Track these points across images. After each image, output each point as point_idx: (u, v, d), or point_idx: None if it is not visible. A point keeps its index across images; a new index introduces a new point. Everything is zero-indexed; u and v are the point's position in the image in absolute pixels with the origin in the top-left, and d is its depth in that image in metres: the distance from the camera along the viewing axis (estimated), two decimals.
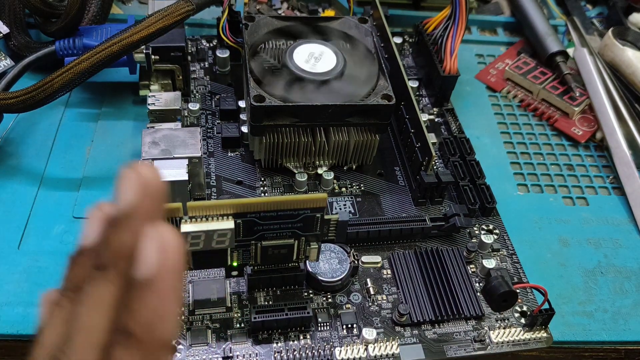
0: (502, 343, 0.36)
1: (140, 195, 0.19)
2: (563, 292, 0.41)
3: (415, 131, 0.43)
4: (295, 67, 0.41)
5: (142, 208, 0.19)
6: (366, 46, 0.45)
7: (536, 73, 0.54)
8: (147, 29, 0.39)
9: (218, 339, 0.35)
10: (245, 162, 0.44)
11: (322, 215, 0.32)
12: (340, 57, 0.42)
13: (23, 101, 0.39)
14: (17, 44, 0.47)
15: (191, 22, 0.55)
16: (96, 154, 0.45)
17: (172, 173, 0.36)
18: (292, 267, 0.36)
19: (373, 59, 0.44)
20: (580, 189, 0.48)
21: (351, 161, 0.44)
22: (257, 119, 0.39)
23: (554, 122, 0.52)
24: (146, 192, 0.19)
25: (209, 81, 0.49)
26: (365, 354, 0.35)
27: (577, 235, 0.45)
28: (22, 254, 0.38)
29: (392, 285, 0.38)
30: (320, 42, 0.43)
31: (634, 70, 0.53)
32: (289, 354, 0.34)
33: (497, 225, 0.43)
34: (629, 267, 0.43)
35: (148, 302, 0.19)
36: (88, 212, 0.21)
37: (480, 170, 0.44)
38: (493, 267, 0.39)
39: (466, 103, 0.53)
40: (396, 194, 0.44)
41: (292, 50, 0.42)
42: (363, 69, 0.43)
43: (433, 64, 0.49)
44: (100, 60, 0.39)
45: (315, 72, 0.41)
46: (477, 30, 0.62)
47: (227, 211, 0.30)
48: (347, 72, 0.42)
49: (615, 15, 0.62)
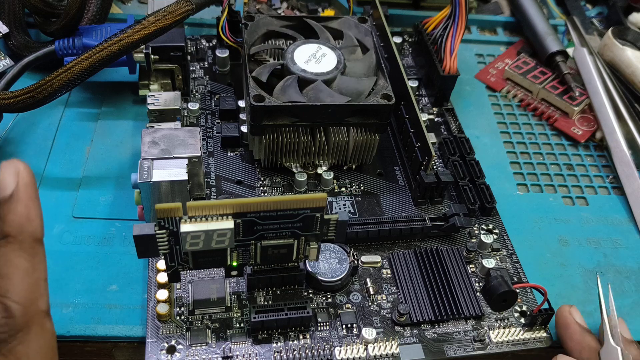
0: (502, 343, 0.36)
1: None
2: (563, 291, 0.41)
3: (415, 131, 0.43)
4: (297, 69, 0.41)
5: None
6: (357, 38, 0.45)
7: (536, 73, 0.54)
8: (147, 29, 0.39)
9: (218, 339, 0.35)
10: (244, 161, 0.44)
11: (321, 215, 0.32)
12: (339, 54, 0.42)
13: (23, 101, 0.39)
14: (17, 43, 0.47)
15: (191, 22, 0.55)
16: (96, 154, 0.45)
17: (171, 173, 0.36)
18: (291, 267, 0.36)
19: (366, 49, 0.44)
20: (580, 189, 0.48)
21: (351, 161, 0.44)
22: (257, 118, 0.39)
23: (553, 122, 0.52)
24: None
25: (208, 81, 0.49)
26: (365, 354, 0.35)
27: (577, 235, 0.45)
28: None
29: (391, 285, 0.38)
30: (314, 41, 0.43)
31: (633, 70, 0.53)
32: (288, 354, 0.34)
33: (497, 225, 0.43)
34: (628, 267, 0.43)
35: (15, 210, 0.26)
36: None
37: (480, 170, 0.44)
38: (493, 267, 0.39)
39: (466, 103, 0.53)
40: (396, 194, 0.44)
41: (293, 51, 0.42)
42: (360, 62, 0.43)
43: (433, 64, 0.49)
44: (100, 60, 0.39)
45: (317, 73, 0.41)
46: (476, 30, 0.62)
47: (226, 211, 0.30)
48: (348, 70, 0.42)
49: (615, 15, 0.62)
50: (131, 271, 0.38)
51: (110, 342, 0.36)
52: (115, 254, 0.39)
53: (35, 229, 0.27)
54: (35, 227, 0.27)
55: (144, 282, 0.38)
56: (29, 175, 0.27)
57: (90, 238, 0.40)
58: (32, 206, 0.26)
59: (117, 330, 0.36)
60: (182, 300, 0.36)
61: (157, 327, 0.35)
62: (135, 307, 0.37)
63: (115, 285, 0.38)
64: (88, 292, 0.37)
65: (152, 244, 0.30)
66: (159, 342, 0.34)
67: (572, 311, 0.37)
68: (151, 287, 0.36)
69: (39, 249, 0.27)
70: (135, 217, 0.40)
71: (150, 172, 0.36)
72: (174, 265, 0.32)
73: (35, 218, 0.27)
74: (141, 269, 0.39)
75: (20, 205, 0.26)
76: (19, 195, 0.26)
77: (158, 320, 0.35)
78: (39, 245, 0.27)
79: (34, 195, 0.27)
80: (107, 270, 0.38)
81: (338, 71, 0.41)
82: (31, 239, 0.26)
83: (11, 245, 0.26)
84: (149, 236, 0.30)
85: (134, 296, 0.37)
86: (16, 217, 0.26)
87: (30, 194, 0.26)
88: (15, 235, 0.26)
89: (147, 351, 0.34)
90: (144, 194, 0.36)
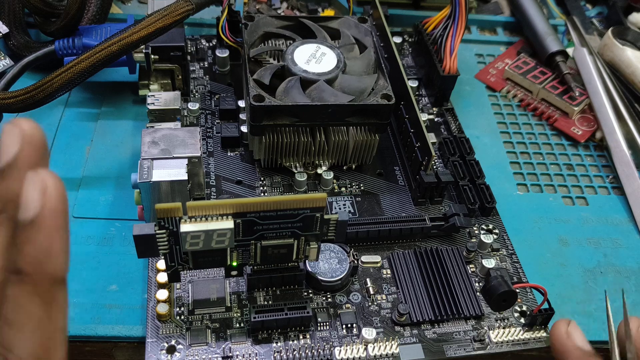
0: (502, 343, 0.36)
1: (20, 146, 0.21)
2: (562, 291, 0.41)
3: (415, 131, 0.43)
4: (298, 70, 0.41)
5: (24, 157, 0.21)
6: (356, 38, 0.45)
7: (536, 73, 0.54)
8: (147, 29, 0.39)
9: (218, 339, 0.35)
10: (244, 161, 0.44)
11: (321, 215, 0.32)
12: (339, 53, 0.42)
13: (22, 101, 0.39)
14: (17, 43, 0.47)
15: (191, 22, 0.55)
16: (96, 154, 0.45)
17: (171, 173, 0.36)
18: (291, 267, 0.36)
19: (364, 47, 0.44)
20: (579, 189, 0.48)
21: (351, 161, 0.44)
22: (257, 118, 0.39)
23: (553, 122, 0.52)
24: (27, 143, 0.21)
25: (208, 81, 0.49)
26: (365, 354, 0.35)
27: (577, 235, 0.45)
28: None
29: (391, 285, 0.38)
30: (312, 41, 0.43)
31: (633, 70, 0.53)
32: (288, 354, 0.34)
33: (497, 225, 0.43)
34: (628, 267, 0.43)
35: (35, 240, 0.20)
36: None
37: (480, 170, 0.44)
38: (493, 267, 0.39)
39: (466, 103, 0.53)
40: (396, 194, 0.44)
41: (292, 52, 0.42)
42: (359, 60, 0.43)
43: (433, 64, 0.49)
44: (100, 59, 0.39)
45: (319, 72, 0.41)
46: (476, 30, 0.62)
47: (226, 211, 0.30)
48: (348, 68, 0.42)
49: (614, 15, 0.62)
50: (131, 271, 0.38)
51: (110, 342, 0.36)
52: (115, 254, 0.39)
53: (57, 268, 0.21)
54: (57, 266, 0.21)
55: (144, 282, 0.38)
56: (60, 196, 0.20)
57: (90, 238, 0.40)
58: (57, 238, 0.20)
59: (117, 330, 0.36)
60: (182, 300, 0.36)
61: (157, 327, 0.35)
62: (135, 307, 0.37)
63: (115, 285, 0.38)
64: (88, 292, 0.37)
65: (152, 244, 0.30)
66: (159, 342, 0.34)
67: (570, 331, 0.31)
68: (151, 287, 0.36)
69: (59, 293, 0.21)
70: (135, 217, 0.40)
71: (150, 172, 0.36)
72: (174, 265, 0.32)
73: (60, 254, 0.21)
74: (141, 269, 0.39)
75: (42, 235, 0.20)
76: (43, 221, 0.20)
77: (158, 320, 0.35)
78: (59, 288, 0.21)
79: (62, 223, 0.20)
80: (107, 270, 0.38)
81: (339, 70, 0.41)
82: (50, 280, 0.21)
83: (25, 285, 0.20)
84: (149, 236, 0.30)
85: (134, 296, 0.37)
86: (35, 250, 0.20)
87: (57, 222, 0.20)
88: (31, 274, 0.20)
89: (147, 351, 0.34)
90: (144, 194, 0.36)
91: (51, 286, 0.21)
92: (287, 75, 0.41)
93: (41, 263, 0.20)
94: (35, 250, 0.20)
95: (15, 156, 0.20)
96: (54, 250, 0.20)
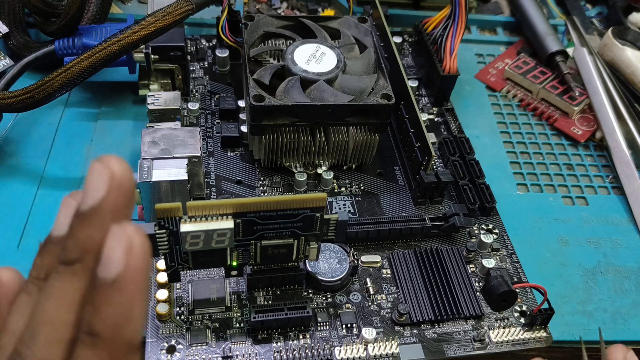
0: (502, 342, 0.36)
1: (108, 190, 0.19)
2: (562, 291, 0.41)
3: (415, 131, 0.43)
4: (298, 70, 0.41)
5: (110, 204, 0.19)
6: (356, 38, 0.45)
7: (536, 73, 0.54)
8: (147, 29, 0.39)
9: (217, 339, 0.35)
10: (244, 161, 0.44)
11: (321, 215, 0.32)
12: (339, 53, 0.42)
13: (22, 100, 0.39)
14: (17, 43, 0.47)
15: (191, 22, 0.55)
16: (96, 154, 0.45)
17: (171, 173, 0.36)
18: (291, 267, 0.36)
19: (364, 47, 0.44)
20: (579, 189, 0.48)
21: (351, 161, 0.44)
22: (257, 118, 0.39)
23: (553, 122, 0.52)
24: (115, 188, 0.19)
25: (208, 81, 0.49)
26: (365, 354, 0.35)
27: (577, 235, 0.45)
28: (21, 253, 0.38)
29: (391, 285, 0.38)
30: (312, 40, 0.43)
31: (633, 69, 0.53)
32: (288, 354, 0.34)
33: (497, 225, 0.43)
34: (628, 267, 0.43)
35: (114, 302, 0.18)
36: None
37: (480, 170, 0.44)
38: (493, 267, 0.39)
39: (466, 103, 0.53)
40: (396, 194, 0.44)
41: (292, 52, 0.42)
42: (359, 60, 0.43)
43: (433, 64, 0.49)
44: (100, 59, 0.39)
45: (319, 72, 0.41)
46: (476, 30, 0.62)
47: (226, 211, 0.30)
48: (348, 68, 0.42)
49: (614, 15, 0.62)
50: None
51: None
52: None
53: (134, 334, 0.19)
54: (135, 333, 0.19)
55: None
56: (145, 257, 0.19)
57: None
58: (138, 301, 0.19)
59: None
60: (182, 300, 0.36)
61: (157, 326, 0.35)
62: None
63: None
64: None
65: (152, 244, 0.30)
66: (158, 342, 0.34)
67: None
68: (151, 287, 0.36)
69: None
70: (135, 217, 0.40)
71: (150, 172, 0.36)
72: (173, 265, 0.32)
73: (139, 319, 0.19)
74: None
75: (123, 298, 0.18)
76: (125, 283, 0.18)
77: (158, 320, 0.35)
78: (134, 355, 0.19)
79: (144, 286, 0.19)
80: None
81: (339, 70, 0.41)
82: (126, 347, 0.19)
83: (99, 351, 0.18)
84: (149, 236, 0.30)
85: None
86: (114, 314, 0.18)
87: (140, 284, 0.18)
88: (107, 338, 0.18)
89: (147, 351, 0.34)
90: (144, 193, 0.36)
91: (125, 353, 0.19)
92: (287, 75, 0.41)
93: (119, 328, 0.18)
94: (115, 313, 0.18)
95: (101, 201, 0.19)
96: (134, 315, 0.19)
